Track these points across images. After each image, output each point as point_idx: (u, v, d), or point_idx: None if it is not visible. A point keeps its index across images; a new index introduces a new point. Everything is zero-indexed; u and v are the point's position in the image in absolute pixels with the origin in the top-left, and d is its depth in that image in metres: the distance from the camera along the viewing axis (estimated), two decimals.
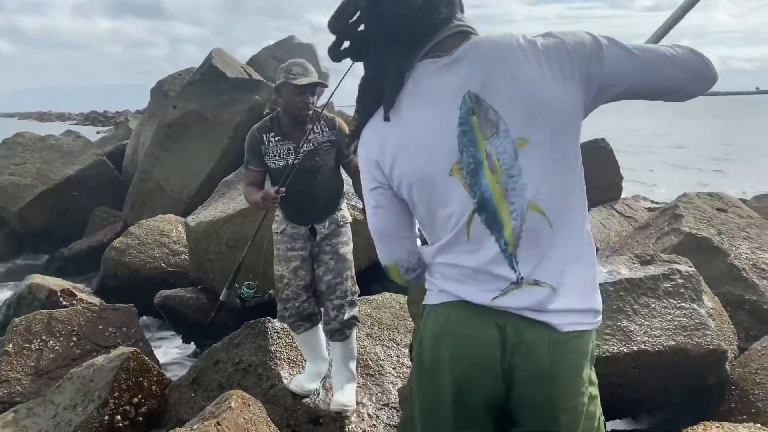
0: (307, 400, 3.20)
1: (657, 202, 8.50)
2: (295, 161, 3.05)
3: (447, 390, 1.43)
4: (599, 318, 1.44)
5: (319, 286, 3.25)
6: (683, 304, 2.68)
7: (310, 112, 3.10)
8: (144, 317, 5.67)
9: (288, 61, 3.10)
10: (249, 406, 2.38)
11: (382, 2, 1.38)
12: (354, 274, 3.28)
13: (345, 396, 3.16)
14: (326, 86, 3.17)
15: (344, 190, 3.37)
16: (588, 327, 1.41)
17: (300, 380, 3.30)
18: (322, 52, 11.72)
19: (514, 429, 1.46)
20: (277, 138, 3.11)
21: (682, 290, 2.73)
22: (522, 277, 1.37)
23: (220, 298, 3.59)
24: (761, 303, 3.77)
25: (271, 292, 3.38)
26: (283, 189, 2.98)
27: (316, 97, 3.14)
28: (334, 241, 3.23)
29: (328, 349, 3.36)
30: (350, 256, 3.28)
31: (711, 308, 2.86)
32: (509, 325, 1.37)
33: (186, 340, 5.33)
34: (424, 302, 1.53)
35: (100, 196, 9.21)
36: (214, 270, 4.71)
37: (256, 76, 8.88)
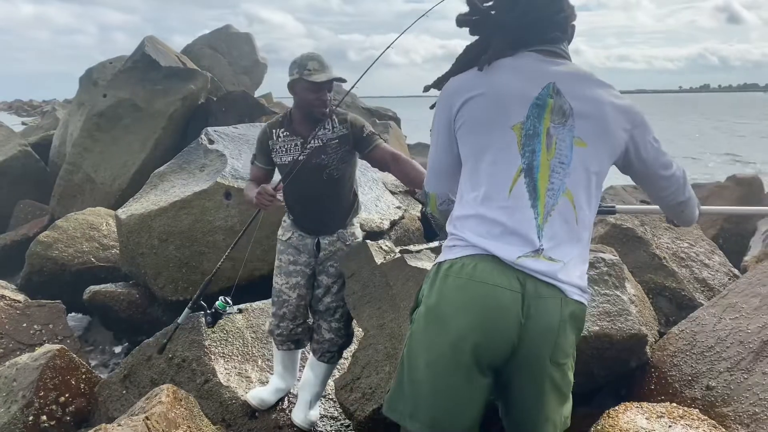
0: (242, 394, 3.17)
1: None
2: (301, 156, 2.86)
3: (469, 335, 1.53)
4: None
5: (315, 305, 3.12)
6: (607, 291, 2.80)
7: (327, 109, 2.90)
8: (73, 314, 5.47)
9: (300, 54, 2.87)
10: (180, 400, 2.34)
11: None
12: None
13: (315, 413, 3.10)
14: (344, 81, 2.96)
15: (357, 206, 3.14)
16: (585, 302, 1.64)
17: (260, 393, 3.15)
18: (260, 42, 11.56)
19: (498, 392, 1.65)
20: (286, 133, 2.96)
21: (606, 278, 2.85)
22: (543, 249, 1.56)
23: (179, 320, 3.19)
24: (680, 290, 3.97)
25: (241, 307, 3.21)
26: (281, 185, 2.81)
27: (332, 93, 2.92)
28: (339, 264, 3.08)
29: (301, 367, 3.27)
30: None
31: (633, 295, 2.99)
32: (529, 282, 1.55)
33: (117, 337, 5.17)
34: (439, 260, 1.66)
35: (24, 189, 8.78)
36: (146, 264, 4.59)
37: (190, 65, 8.67)
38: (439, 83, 1.76)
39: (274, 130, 2.99)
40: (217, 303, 3.05)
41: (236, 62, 11.16)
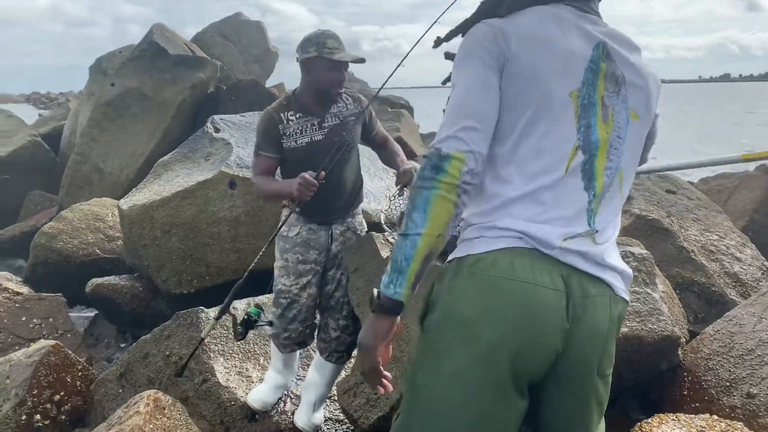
0: (242, 395, 2.98)
1: None
2: (318, 136, 2.71)
3: (505, 345, 1.24)
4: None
5: (325, 301, 2.93)
6: (636, 288, 2.57)
7: (342, 91, 2.78)
8: (79, 306, 5.34)
9: (315, 31, 2.71)
10: (163, 409, 2.14)
11: None
12: None
13: (320, 416, 2.92)
14: (364, 62, 2.76)
15: (362, 190, 2.99)
16: (627, 298, 1.41)
17: (261, 393, 2.94)
18: (272, 34, 11.38)
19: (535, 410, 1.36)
20: (298, 115, 2.75)
21: (635, 273, 2.62)
22: (595, 231, 1.34)
23: (202, 334, 2.82)
24: (709, 285, 3.73)
25: (272, 317, 2.87)
26: (323, 173, 2.56)
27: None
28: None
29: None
30: None
31: (663, 292, 2.77)
32: (573, 278, 1.30)
33: (121, 331, 5.02)
34: (458, 254, 1.35)
35: (35, 179, 8.73)
36: (149, 256, 4.42)
37: (200, 53, 8.50)
38: (463, 27, 1.44)
39: (282, 114, 2.75)
40: (250, 309, 2.73)
41: (247, 51, 10.94)
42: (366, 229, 3.01)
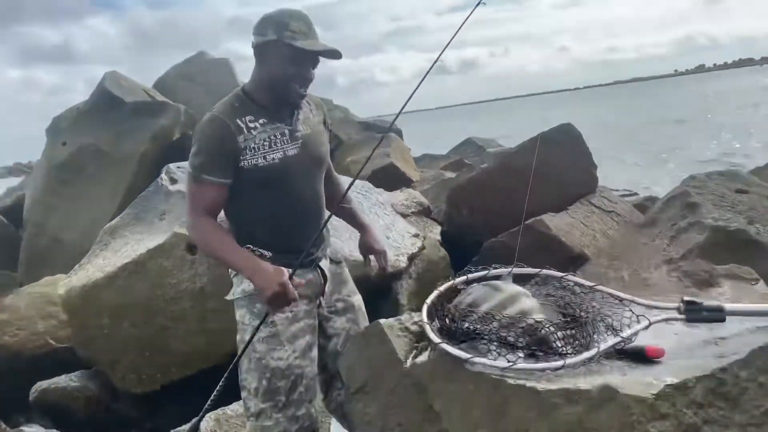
0: None
1: (629, 190, 7.67)
2: (291, 150, 2.04)
3: None
4: None
5: (331, 362, 2.18)
6: None
7: (305, 94, 2.08)
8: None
9: (277, 9, 2.03)
10: None
11: None
12: None
13: None
14: (340, 57, 2.03)
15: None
16: None
17: None
18: (241, 69, 10.63)
19: None
20: (262, 121, 2.01)
21: None
22: None
23: None
24: None
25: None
26: (303, 282, 1.99)
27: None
28: (345, 292, 2.26)
29: None
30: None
31: None
32: None
33: None
34: None
35: None
36: (99, 350, 3.52)
37: (160, 97, 7.68)
38: None
39: (239, 121, 1.98)
40: None
41: (214, 91, 10.09)
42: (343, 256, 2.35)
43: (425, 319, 1.69)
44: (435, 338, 1.62)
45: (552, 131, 5.03)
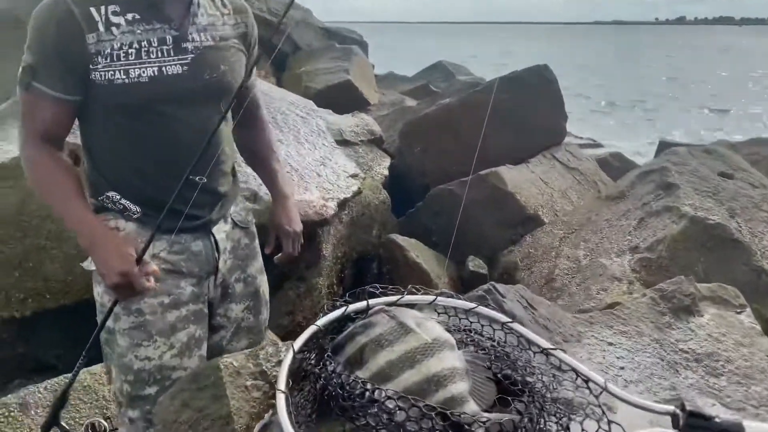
0: None
1: (592, 140, 7.24)
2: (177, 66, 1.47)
3: None
4: None
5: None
6: None
7: None
8: None
9: None
10: None
11: None
12: None
13: None
14: None
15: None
16: None
17: None
18: None
19: None
20: (131, 16, 1.42)
21: None
22: None
23: None
24: None
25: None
26: (157, 269, 1.42)
27: None
28: (250, 270, 1.74)
29: None
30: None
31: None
32: None
33: None
34: None
35: None
36: None
37: None
38: None
39: (93, 10, 1.38)
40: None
41: None
42: (254, 222, 1.78)
43: (282, 384, 1.05)
44: (288, 428, 1.00)
45: (525, 72, 4.49)
